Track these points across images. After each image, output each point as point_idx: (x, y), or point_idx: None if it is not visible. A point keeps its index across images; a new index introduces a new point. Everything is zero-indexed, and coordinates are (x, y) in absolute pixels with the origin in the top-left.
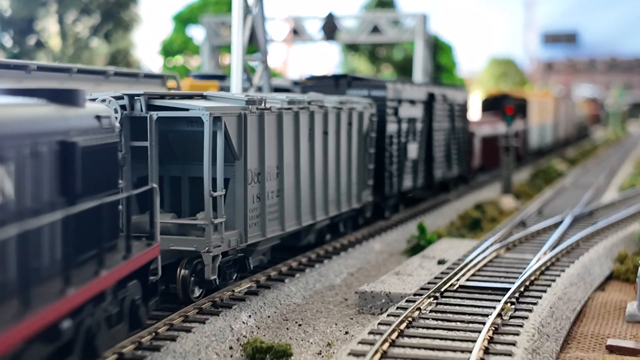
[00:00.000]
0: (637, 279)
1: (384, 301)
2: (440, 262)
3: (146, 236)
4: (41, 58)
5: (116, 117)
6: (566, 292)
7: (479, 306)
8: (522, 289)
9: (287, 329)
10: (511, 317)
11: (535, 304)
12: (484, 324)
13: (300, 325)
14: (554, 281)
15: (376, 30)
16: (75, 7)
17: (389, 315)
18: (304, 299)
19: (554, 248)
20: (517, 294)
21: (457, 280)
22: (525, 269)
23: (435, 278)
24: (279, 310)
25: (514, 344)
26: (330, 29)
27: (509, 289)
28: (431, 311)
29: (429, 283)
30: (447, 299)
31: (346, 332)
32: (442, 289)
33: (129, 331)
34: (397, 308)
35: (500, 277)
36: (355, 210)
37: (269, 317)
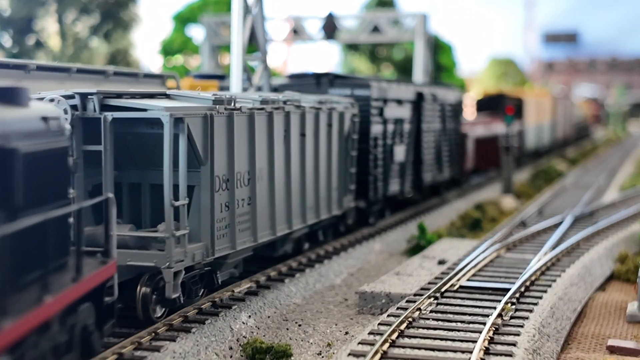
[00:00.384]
0: (637, 279)
1: (384, 301)
2: (441, 262)
3: (101, 252)
4: (40, 58)
5: (66, 119)
6: (567, 292)
7: (479, 306)
8: (522, 289)
9: (287, 329)
10: (511, 317)
11: (535, 304)
12: (484, 324)
13: (300, 325)
14: (554, 281)
15: (376, 30)
16: (75, 7)
17: (389, 316)
18: (303, 299)
19: (555, 248)
20: (517, 294)
21: (458, 280)
22: (526, 269)
23: (436, 278)
24: (279, 310)
25: (514, 344)
26: (330, 28)
27: (509, 289)
28: (431, 311)
29: (429, 283)
30: (448, 299)
31: (346, 333)
32: (443, 289)
33: None
34: (397, 308)
35: (501, 277)
36: (337, 217)
37: (268, 317)
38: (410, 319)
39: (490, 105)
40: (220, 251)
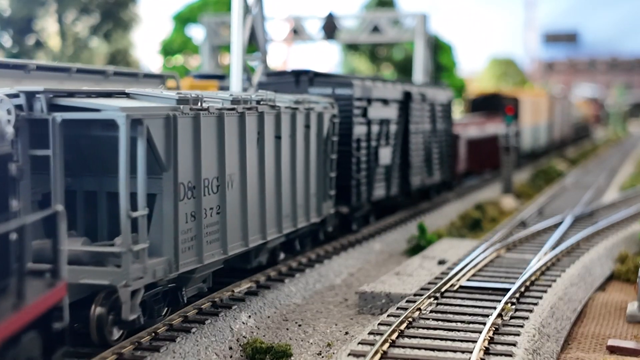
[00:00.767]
0: (637, 279)
1: (384, 301)
2: (441, 262)
3: (50, 271)
4: (40, 58)
5: (9, 120)
6: (567, 292)
7: (479, 306)
8: (522, 289)
9: (287, 329)
10: (511, 317)
11: (535, 304)
12: (484, 324)
13: (300, 325)
14: (554, 281)
15: (376, 30)
16: (75, 7)
17: (389, 316)
18: (303, 299)
19: (555, 248)
20: (517, 294)
21: (458, 280)
22: (526, 269)
23: (436, 278)
24: (279, 310)
25: (514, 344)
26: (330, 28)
27: (509, 289)
28: (431, 311)
29: (429, 283)
30: (448, 299)
31: (346, 333)
32: (443, 289)
33: None
34: (397, 308)
35: (501, 277)
36: (315, 225)
37: (268, 317)
38: (410, 319)
39: (485, 105)
40: (186, 266)
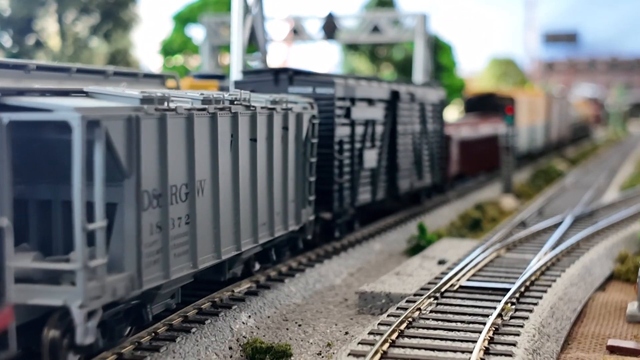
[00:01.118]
0: (637, 279)
1: (384, 301)
2: (441, 262)
3: None
4: (40, 58)
5: None
6: (567, 292)
7: (479, 306)
8: (522, 289)
9: (287, 329)
10: (511, 317)
11: (535, 304)
12: (484, 324)
13: (300, 325)
14: (554, 281)
15: (376, 30)
16: (75, 7)
17: (389, 316)
18: (303, 299)
19: (555, 248)
20: (517, 294)
21: (458, 280)
22: (526, 269)
23: (436, 278)
24: (279, 310)
25: (514, 344)
26: (330, 28)
27: (509, 289)
28: (431, 311)
29: (429, 283)
30: (448, 299)
31: (346, 333)
32: (443, 289)
33: None
34: (397, 308)
35: (501, 277)
36: (294, 233)
37: (268, 317)
38: (410, 319)
39: (480, 105)
40: (150, 282)
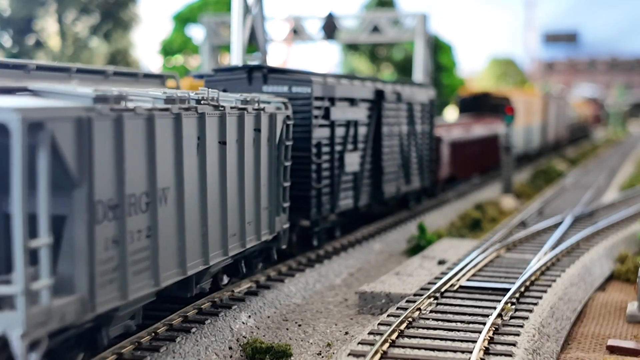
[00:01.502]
0: (637, 279)
1: (384, 301)
2: (441, 262)
3: None
4: (40, 58)
5: None
6: (567, 292)
7: (479, 306)
8: (522, 289)
9: (287, 329)
10: (511, 317)
11: (535, 304)
12: (484, 324)
13: (300, 325)
14: (554, 281)
15: (376, 30)
16: (75, 7)
17: (389, 316)
18: (303, 299)
19: (555, 248)
20: (517, 294)
21: (458, 280)
22: (526, 269)
23: (436, 278)
24: (279, 310)
25: (514, 344)
26: (330, 28)
27: (509, 289)
28: (431, 311)
29: (429, 283)
30: (448, 299)
31: (346, 333)
32: (443, 289)
33: None
34: (397, 308)
35: (501, 277)
36: (267, 242)
37: (268, 317)
38: (410, 319)
39: (475, 105)
40: (105, 304)
